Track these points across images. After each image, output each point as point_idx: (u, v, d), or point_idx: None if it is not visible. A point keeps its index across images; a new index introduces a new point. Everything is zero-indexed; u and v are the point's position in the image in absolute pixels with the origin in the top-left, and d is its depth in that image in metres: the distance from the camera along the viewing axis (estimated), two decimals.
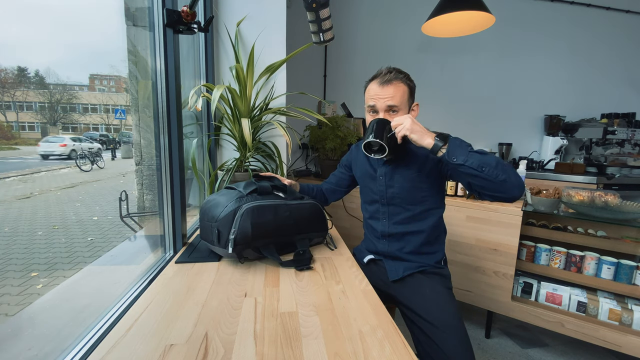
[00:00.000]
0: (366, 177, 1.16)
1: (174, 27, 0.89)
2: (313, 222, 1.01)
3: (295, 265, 0.88)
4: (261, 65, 1.50)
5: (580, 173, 2.54)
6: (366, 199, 1.18)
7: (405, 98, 1.00)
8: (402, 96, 0.99)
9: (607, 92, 3.12)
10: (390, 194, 1.09)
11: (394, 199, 1.08)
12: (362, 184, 1.21)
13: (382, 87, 0.99)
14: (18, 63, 3.93)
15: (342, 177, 1.32)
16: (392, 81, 0.98)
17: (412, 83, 1.03)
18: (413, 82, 1.04)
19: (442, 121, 3.00)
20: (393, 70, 1.01)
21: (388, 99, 0.98)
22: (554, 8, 2.97)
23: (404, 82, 1.00)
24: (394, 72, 1.00)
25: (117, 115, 5.78)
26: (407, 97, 1.01)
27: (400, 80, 0.99)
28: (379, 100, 0.99)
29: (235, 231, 0.84)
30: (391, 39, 2.89)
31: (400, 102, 0.99)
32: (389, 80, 0.98)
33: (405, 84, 1.00)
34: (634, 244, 1.44)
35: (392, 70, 1.01)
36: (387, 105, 0.99)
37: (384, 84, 0.99)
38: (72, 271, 2.16)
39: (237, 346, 0.55)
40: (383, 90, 0.99)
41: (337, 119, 2.21)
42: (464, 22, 1.93)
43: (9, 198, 3.12)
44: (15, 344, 0.62)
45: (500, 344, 1.71)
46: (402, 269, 1.06)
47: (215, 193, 1.02)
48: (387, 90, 0.98)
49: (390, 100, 0.98)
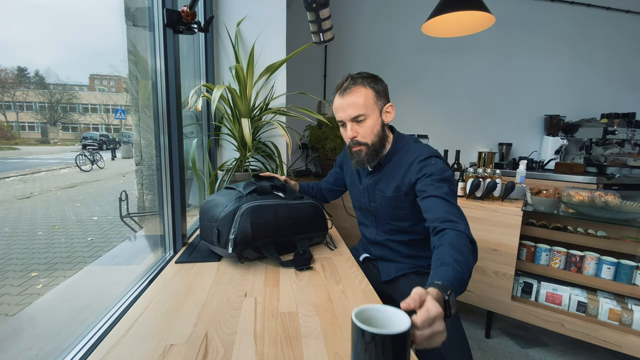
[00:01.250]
0: (353, 185, 1.15)
1: (174, 27, 0.89)
2: (313, 222, 1.00)
3: (295, 265, 0.88)
4: (261, 65, 1.50)
5: (580, 173, 2.54)
6: (355, 204, 1.18)
7: (370, 102, 0.93)
8: (365, 102, 0.92)
9: (607, 92, 3.12)
10: (373, 208, 1.07)
11: (377, 212, 1.06)
12: (350, 190, 1.19)
13: (342, 97, 0.93)
14: (18, 63, 3.93)
15: (338, 177, 1.29)
16: (351, 88, 0.92)
17: (378, 85, 0.95)
18: (381, 84, 0.96)
19: (442, 121, 3.00)
20: (351, 76, 0.95)
21: (352, 108, 0.92)
22: (554, 8, 2.97)
23: (365, 86, 0.93)
24: (352, 78, 0.94)
25: (117, 115, 5.78)
26: (373, 100, 0.94)
27: (360, 85, 0.92)
28: (344, 112, 0.93)
29: (235, 231, 0.84)
30: (391, 39, 2.89)
31: (365, 108, 0.92)
32: (346, 89, 0.93)
33: (367, 87, 0.93)
34: (634, 244, 1.44)
35: (350, 76, 0.95)
36: (351, 115, 0.92)
37: (343, 93, 0.93)
38: (72, 271, 2.16)
39: (237, 346, 0.55)
40: (344, 100, 0.93)
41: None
42: (464, 22, 1.93)
43: (9, 198, 3.12)
44: (15, 344, 0.62)
45: (500, 344, 1.71)
46: (395, 269, 1.06)
47: (215, 193, 1.02)
48: (347, 100, 0.92)
49: (354, 110, 0.92)
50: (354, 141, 0.96)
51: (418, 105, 2.93)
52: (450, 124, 3.03)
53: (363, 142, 0.95)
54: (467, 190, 1.69)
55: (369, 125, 0.94)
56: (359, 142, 0.95)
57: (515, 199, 1.71)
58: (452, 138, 2.97)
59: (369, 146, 0.95)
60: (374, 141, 0.95)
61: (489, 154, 1.92)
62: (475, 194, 1.68)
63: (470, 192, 1.67)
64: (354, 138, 0.95)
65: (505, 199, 1.67)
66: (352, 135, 0.95)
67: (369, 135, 0.94)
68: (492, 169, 1.72)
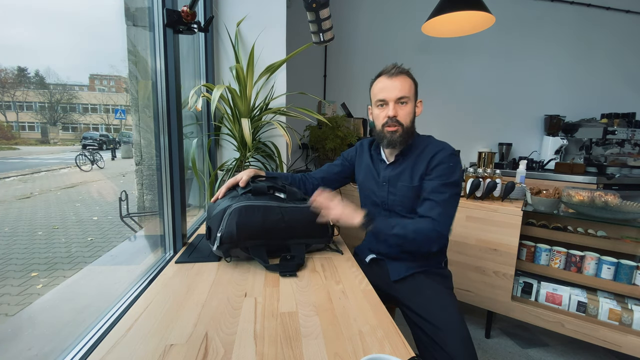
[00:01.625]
0: (369, 180, 1.14)
1: (174, 27, 0.89)
2: (309, 227, 0.96)
3: (280, 270, 0.85)
4: (261, 65, 1.50)
5: (580, 173, 2.54)
6: (366, 201, 1.16)
7: (412, 91, 1.02)
8: (409, 89, 1.01)
9: (607, 92, 3.12)
10: (391, 201, 1.07)
11: (394, 206, 1.07)
12: (363, 186, 1.17)
13: (391, 79, 1.00)
14: (23, 63, 3.93)
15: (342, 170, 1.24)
16: (400, 74, 1.00)
17: (415, 80, 1.05)
18: (416, 80, 1.05)
19: (443, 121, 3.00)
20: (397, 65, 1.03)
21: (398, 90, 0.99)
22: (554, 8, 2.97)
23: (410, 77, 1.02)
24: (398, 67, 1.02)
25: (117, 115, 5.78)
26: (414, 90, 1.03)
27: (406, 75, 1.02)
28: (390, 92, 1.00)
29: (222, 229, 0.85)
30: (391, 39, 2.89)
31: (409, 94, 1.01)
32: (396, 73, 1.00)
33: (411, 79, 1.03)
34: (634, 244, 1.44)
35: (398, 65, 1.03)
36: (397, 96, 1.00)
37: (392, 76, 1.00)
38: (72, 271, 2.16)
39: (237, 346, 0.55)
40: (392, 82, 1.00)
41: (337, 119, 2.21)
42: (464, 22, 1.93)
43: (9, 198, 3.12)
44: (15, 344, 0.62)
45: (500, 344, 1.71)
46: (404, 269, 1.06)
47: None
48: (396, 82, 0.99)
49: (400, 92, 0.99)
50: (393, 120, 1.01)
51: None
52: (450, 124, 3.03)
53: (401, 122, 1.01)
54: (467, 190, 1.69)
55: (409, 109, 1.02)
56: (398, 122, 1.01)
57: (515, 199, 1.71)
58: (452, 138, 2.93)
59: (404, 128, 1.02)
60: (409, 125, 1.02)
61: (489, 154, 1.92)
62: (475, 194, 1.68)
63: (470, 192, 1.67)
64: (395, 117, 1.01)
65: (505, 199, 1.67)
66: (393, 114, 1.00)
67: (406, 118, 1.02)
68: (492, 169, 1.72)
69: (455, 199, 0.99)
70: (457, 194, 0.99)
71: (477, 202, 1.65)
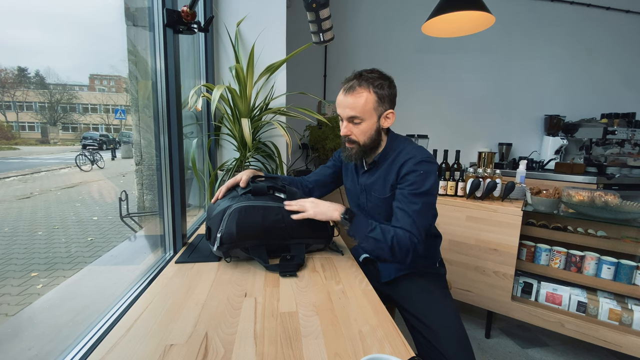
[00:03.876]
0: (353, 184, 1.13)
1: (174, 27, 0.89)
2: (309, 228, 0.96)
3: (280, 270, 0.85)
4: (261, 65, 1.50)
5: (580, 173, 2.54)
6: (351, 203, 1.17)
7: (368, 107, 0.93)
8: (364, 106, 0.92)
9: (607, 92, 3.12)
10: (370, 208, 1.07)
11: (373, 214, 1.06)
12: (348, 187, 1.17)
13: (345, 95, 0.94)
14: (24, 64, 3.93)
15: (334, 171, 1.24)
16: (355, 89, 0.92)
17: (384, 91, 0.93)
18: (388, 90, 0.94)
19: (442, 121, 3.00)
20: (359, 75, 0.94)
21: (349, 109, 0.93)
22: (554, 8, 2.97)
23: (369, 90, 0.92)
24: (359, 78, 0.93)
25: (117, 115, 5.76)
26: (373, 106, 0.93)
27: (365, 88, 0.92)
28: (342, 110, 0.95)
29: (222, 230, 0.85)
30: (391, 39, 2.89)
31: (362, 112, 0.93)
32: (351, 88, 0.93)
33: (371, 92, 0.92)
34: (634, 244, 1.44)
35: (358, 75, 0.94)
36: (348, 115, 0.94)
37: (346, 92, 0.94)
38: (72, 271, 2.16)
39: (237, 346, 0.55)
40: (345, 99, 0.94)
41: (337, 119, 2.21)
42: (464, 22, 1.93)
43: (9, 198, 3.11)
44: (15, 344, 0.62)
45: (500, 344, 1.71)
46: (394, 270, 1.06)
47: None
48: (349, 100, 0.93)
49: (351, 111, 0.93)
50: (346, 138, 1.00)
51: (418, 105, 2.92)
52: (450, 124, 3.03)
53: (355, 140, 0.98)
54: (467, 190, 1.69)
55: (363, 128, 0.96)
56: (351, 140, 0.99)
57: (515, 199, 1.71)
58: (452, 138, 2.97)
59: (360, 146, 0.99)
60: (365, 142, 0.98)
61: (489, 154, 1.92)
62: (475, 194, 1.68)
63: (470, 192, 1.67)
64: (348, 136, 0.99)
65: (505, 199, 1.67)
66: (345, 133, 0.98)
67: (361, 136, 0.97)
68: (492, 169, 1.72)
69: (429, 207, 0.94)
70: (430, 202, 0.94)
71: (477, 202, 1.65)
